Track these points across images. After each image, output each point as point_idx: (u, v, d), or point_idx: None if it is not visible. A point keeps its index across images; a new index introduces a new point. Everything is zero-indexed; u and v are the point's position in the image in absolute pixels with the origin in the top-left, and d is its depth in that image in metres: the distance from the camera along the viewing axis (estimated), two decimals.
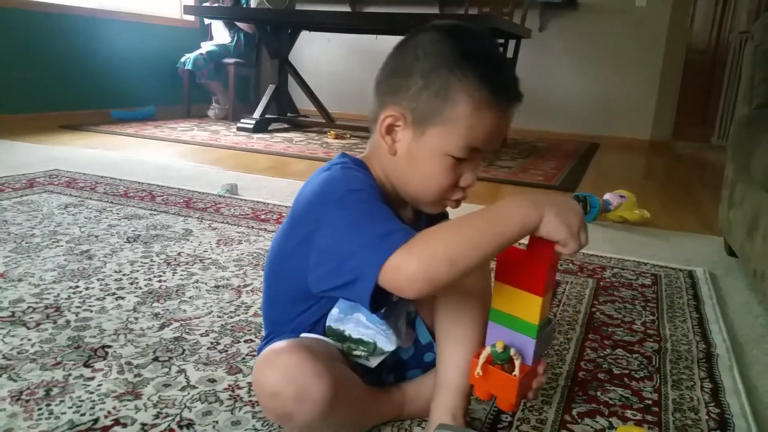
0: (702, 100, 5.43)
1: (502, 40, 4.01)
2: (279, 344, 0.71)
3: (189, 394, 0.88)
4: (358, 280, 0.65)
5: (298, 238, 0.75)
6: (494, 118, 0.72)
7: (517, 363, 0.70)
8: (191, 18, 4.88)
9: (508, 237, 0.65)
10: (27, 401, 0.84)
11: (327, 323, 0.78)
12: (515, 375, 0.69)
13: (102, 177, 2.32)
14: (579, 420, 0.88)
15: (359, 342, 0.78)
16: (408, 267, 0.62)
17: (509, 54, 4.02)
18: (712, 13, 5.54)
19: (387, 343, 0.79)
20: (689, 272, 1.58)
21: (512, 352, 0.70)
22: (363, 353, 0.79)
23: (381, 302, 0.68)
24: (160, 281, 1.32)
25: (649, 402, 0.94)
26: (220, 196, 2.13)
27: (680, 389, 0.99)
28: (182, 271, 1.39)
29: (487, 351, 0.70)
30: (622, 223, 2.10)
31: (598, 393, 0.96)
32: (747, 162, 1.45)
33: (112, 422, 0.81)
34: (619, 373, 1.03)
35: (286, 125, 4.41)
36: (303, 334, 0.78)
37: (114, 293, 1.24)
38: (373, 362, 0.81)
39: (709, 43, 5.60)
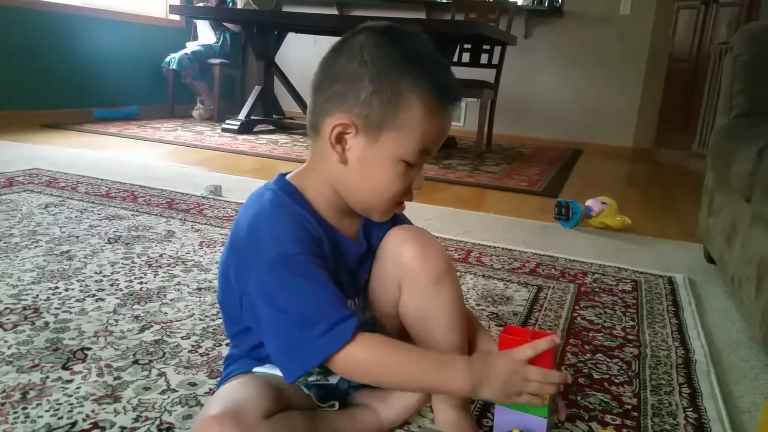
0: (683, 109, 5.51)
1: (487, 47, 4.05)
2: (210, 412, 0.66)
3: (169, 397, 0.88)
4: (286, 374, 0.69)
5: (231, 268, 0.74)
6: (442, 119, 0.73)
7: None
8: (176, 17, 4.85)
9: (435, 393, 0.80)
10: (2, 404, 0.83)
11: None
12: None
13: (83, 177, 2.29)
14: (559, 424, 0.89)
15: None
16: (339, 370, 0.69)
17: (494, 60, 4.06)
18: (693, 24, 5.63)
19: None
20: (669, 278, 1.60)
21: None
22: (319, 376, 0.78)
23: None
24: (141, 283, 1.31)
25: (629, 407, 0.95)
26: (203, 198, 2.12)
27: (659, 394, 1.00)
28: (164, 272, 1.38)
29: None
30: (604, 229, 2.12)
31: (579, 398, 0.97)
32: (726, 170, 1.48)
33: (91, 426, 0.80)
34: (600, 378, 1.04)
35: (271, 127, 4.40)
36: (255, 369, 0.77)
37: (94, 295, 1.22)
38: (333, 380, 0.80)
39: (690, 53, 5.68)
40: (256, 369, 0.77)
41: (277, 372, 0.76)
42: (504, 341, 0.74)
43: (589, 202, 2.14)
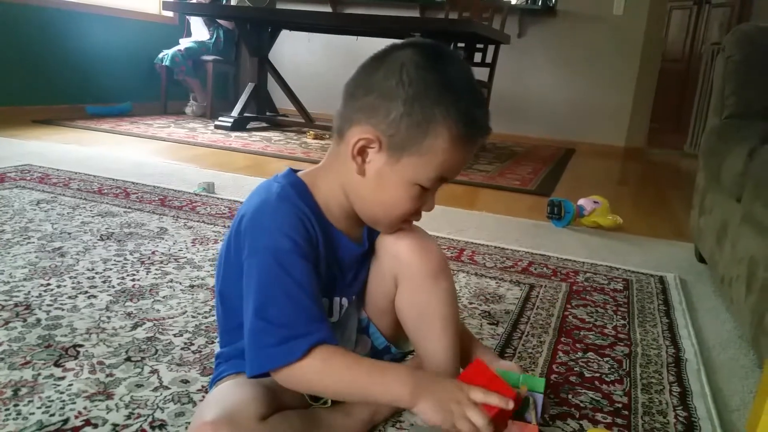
0: (676, 108, 5.54)
1: (481, 46, 4.05)
2: (206, 417, 0.66)
3: (161, 394, 0.88)
4: (247, 368, 0.69)
5: (233, 256, 0.75)
6: (467, 151, 0.73)
7: (532, 414, 0.74)
8: (170, 14, 4.82)
9: (376, 402, 0.77)
10: None
11: None
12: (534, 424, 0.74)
13: (76, 173, 2.28)
14: (550, 422, 0.89)
15: None
16: (282, 383, 0.69)
17: (488, 59, 4.06)
18: (686, 24, 5.66)
19: None
20: (660, 278, 1.61)
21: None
22: None
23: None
24: (133, 280, 1.30)
25: (619, 405, 0.96)
26: (196, 195, 2.11)
27: (650, 393, 1.00)
28: (156, 270, 1.37)
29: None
30: (596, 229, 2.13)
31: (570, 396, 0.98)
32: (717, 171, 1.49)
33: (83, 423, 0.80)
34: (591, 376, 1.05)
35: (264, 124, 4.39)
36: None
37: (86, 292, 1.22)
38: None
39: (683, 53, 5.72)
40: None
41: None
42: (466, 370, 0.74)
43: (581, 201, 2.15)
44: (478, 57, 4.10)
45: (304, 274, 0.69)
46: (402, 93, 0.69)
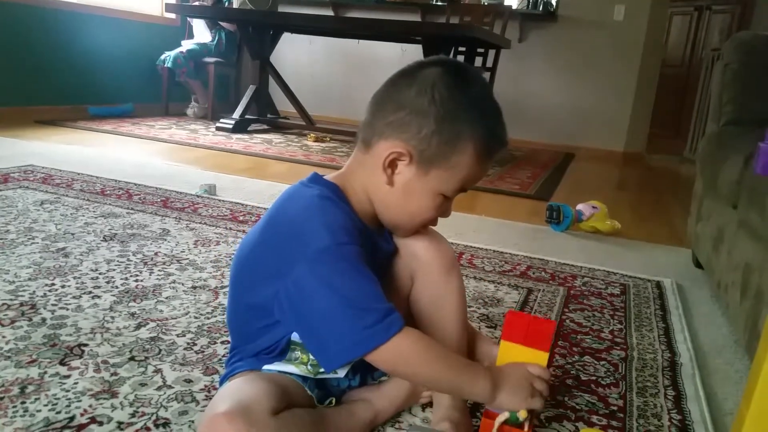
0: (675, 114, 5.56)
1: (482, 50, 4.07)
2: (220, 409, 0.67)
3: (165, 393, 0.89)
4: (329, 360, 0.71)
5: (268, 260, 0.76)
6: (487, 165, 0.80)
7: (527, 424, 0.76)
8: (172, 16, 4.85)
9: (458, 394, 0.83)
10: (1, 399, 0.84)
11: (291, 337, 0.78)
12: None
13: (78, 174, 2.30)
14: (546, 424, 0.91)
15: None
16: (382, 362, 0.71)
17: (489, 63, 4.08)
18: (686, 30, 5.68)
19: None
20: (657, 283, 1.63)
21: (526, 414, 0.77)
22: None
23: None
24: (136, 281, 1.32)
25: (615, 408, 0.97)
26: (198, 196, 2.13)
27: (645, 396, 1.02)
28: (159, 271, 1.39)
29: (504, 415, 0.76)
30: (594, 234, 2.15)
31: (566, 398, 0.99)
32: (714, 177, 1.50)
33: (88, 420, 0.81)
34: (587, 379, 1.06)
35: (265, 126, 4.40)
36: (265, 367, 0.79)
37: (90, 292, 1.23)
38: (342, 372, 0.82)
39: (683, 59, 5.74)
40: (266, 367, 0.79)
41: (285, 368, 0.79)
42: (509, 322, 0.79)
43: (580, 206, 2.17)
44: (479, 61, 4.13)
45: (365, 263, 0.72)
46: (434, 111, 0.74)
